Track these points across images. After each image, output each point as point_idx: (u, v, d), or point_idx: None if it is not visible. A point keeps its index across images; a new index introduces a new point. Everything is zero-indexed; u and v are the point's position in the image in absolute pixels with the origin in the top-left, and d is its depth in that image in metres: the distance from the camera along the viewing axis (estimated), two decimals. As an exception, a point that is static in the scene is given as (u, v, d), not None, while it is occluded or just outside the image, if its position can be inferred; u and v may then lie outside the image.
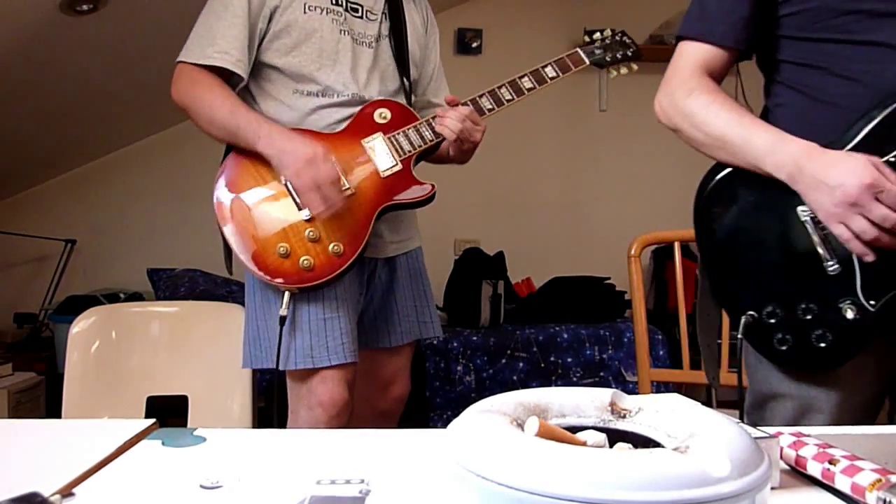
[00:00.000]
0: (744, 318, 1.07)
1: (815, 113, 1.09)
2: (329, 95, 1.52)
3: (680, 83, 1.15)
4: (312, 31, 1.50)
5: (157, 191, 3.69)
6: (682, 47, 1.18)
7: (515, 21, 3.87)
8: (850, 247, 1.00)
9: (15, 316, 3.52)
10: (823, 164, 0.99)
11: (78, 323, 1.67)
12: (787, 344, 1.06)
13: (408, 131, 1.53)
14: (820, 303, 1.04)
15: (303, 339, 1.45)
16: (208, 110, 1.44)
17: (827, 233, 1.03)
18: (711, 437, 0.53)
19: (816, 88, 1.09)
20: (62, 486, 0.66)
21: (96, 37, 2.68)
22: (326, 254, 1.43)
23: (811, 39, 1.08)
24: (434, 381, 2.87)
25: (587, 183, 3.96)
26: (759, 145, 1.05)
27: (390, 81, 1.60)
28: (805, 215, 1.04)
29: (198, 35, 1.48)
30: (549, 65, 1.64)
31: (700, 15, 1.16)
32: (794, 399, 1.11)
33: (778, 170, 1.04)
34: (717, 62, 1.15)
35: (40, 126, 3.18)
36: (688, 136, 1.14)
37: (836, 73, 1.07)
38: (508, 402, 0.62)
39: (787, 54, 1.13)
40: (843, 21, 1.04)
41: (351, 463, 0.74)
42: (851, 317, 1.02)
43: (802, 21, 1.08)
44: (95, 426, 0.91)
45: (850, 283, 1.02)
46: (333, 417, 1.45)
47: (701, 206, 1.14)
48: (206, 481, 0.68)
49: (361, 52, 1.56)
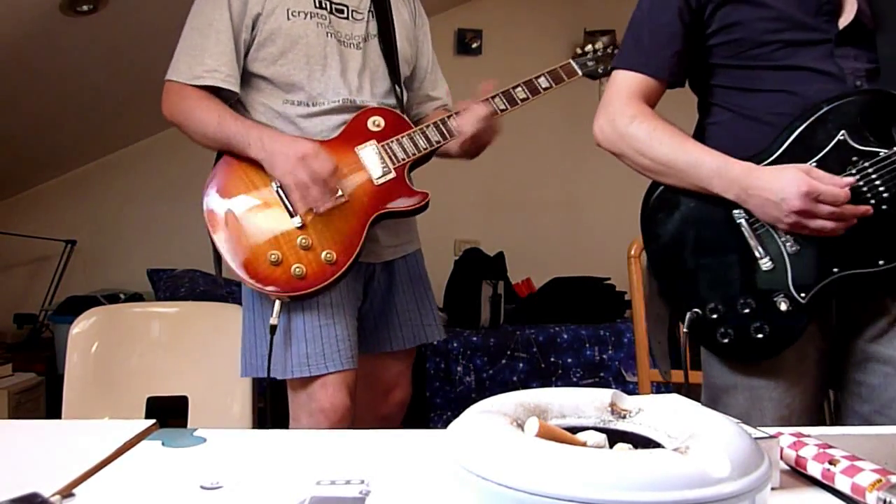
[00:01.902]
0: (689, 315, 1.16)
1: (744, 129, 1.19)
2: (319, 104, 1.50)
3: (619, 110, 1.23)
4: (298, 37, 1.48)
5: (157, 191, 3.69)
6: (618, 76, 1.26)
7: (515, 21, 3.87)
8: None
9: (15, 316, 3.52)
10: (764, 182, 1.10)
11: (78, 323, 1.67)
12: (728, 337, 1.15)
13: (402, 139, 1.52)
14: (756, 297, 1.14)
15: (298, 348, 1.43)
16: (198, 125, 1.44)
17: (760, 232, 1.14)
18: (711, 437, 0.53)
19: (745, 107, 1.20)
20: (62, 486, 0.66)
21: (96, 37, 2.68)
22: (319, 262, 1.41)
23: (737, 66, 1.19)
24: (434, 382, 2.87)
25: (587, 183, 3.96)
26: (704, 171, 1.14)
27: (381, 83, 1.59)
28: (739, 217, 1.14)
29: (184, 53, 1.47)
30: (542, 75, 1.62)
31: (635, 48, 1.25)
32: (744, 390, 1.19)
33: (725, 192, 1.14)
34: (652, 91, 1.24)
35: (40, 126, 3.18)
36: (632, 161, 1.23)
37: (762, 92, 1.17)
38: (508, 402, 0.62)
39: (717, 79, 1.23)
40: (765, 50, 1.15)
41: (351, 463, 0.74)
42: (784, 308, 1.12)
43: (729, 50, 1.19)
44: (95, 426, 0.91)
45: (783, 278, 1.13)
46: (335, 424, 1.43)
47: (646, 214, 1.24)
48: (207, 482, 0.68)
49: (349, 54, 1.54)
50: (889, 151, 1.07)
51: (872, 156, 1.08)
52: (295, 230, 1.42)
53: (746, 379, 1.19)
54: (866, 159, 1.08)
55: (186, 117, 1.45)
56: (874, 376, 1.16)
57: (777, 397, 1.17)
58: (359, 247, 1.44)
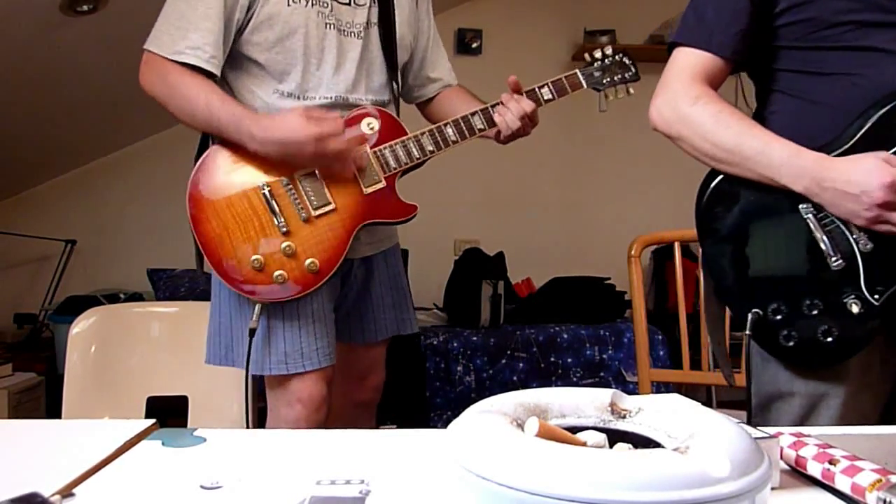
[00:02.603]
0: (750, 315, 1.08)
1: (811, 116, 1.11)
2: (311, 98, 1.46)
3: (682, 91, 1.14)
4: (297, 26, 1.42)
5: (157, 191, 3.69)
6: (679, 54, 1.17)
7: (515, 21, 3.87)
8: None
9: (15, 316, 3.52)
10: (840, 174, 1.02)
11: (78, 323, 1.67)
12: (793, 340, 1.07)
13: (395, 147, 1.48)
14: (824, 298, 1.05)
15: (276, 347, 1.43)
16: (184, 103, 1.37)
17: (830, 228, 1.06)
18: (711, 437, 0.53)
19: (812, 92, 1.11)
20: (62, 486, 0.66)
21: (96, 37, 2.68)
22: (301, 270, 1.40)
23: (806, 48, 1.11)
24: (434, 381, 2.87)
25: (587, 183, 3.96)
26: (775, 158, 1.06)
27: (377, 76, 1.55)
28: (807, 212, 1.06)
29: (168, 23, 1.39)
30: (545, 85, 1.58)
31: (697, 23, 1.16)
32: (802, 397, 1.11)
33: (794, 183, 1.05)
34: (716, 71, 1.15)
35: (40, 126, 3.18)
36: (692, 146, 1.14)
37: (831, 76, 1.09)
38: (508, 402, 0.62)
39: (782, 63, 1.15)
40: (836, 31, 1.07)
41: (351, 463, 0.74)
42: (856, 311, 1.04)
43: (797, 31, 1.10)
44: (95, 426, 0.90)
45: (854, 278, 1.05)
46: (312, 413, 1.44)
47: (703, 207, 1.15)
48: (207, 482, 0.68)
49: (349, 44, 1.49)
50: None
51: None
52: (280, 236, 1.40)
53: (806, 385, 1.11)
54: None
55: (169, 93, 1.38)
56: None
57: (835, 407, 1.10)
58: (342, 256, 1.43)
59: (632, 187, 3.91)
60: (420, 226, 1.71)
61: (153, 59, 1.40)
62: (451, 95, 1.71)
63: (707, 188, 1.14)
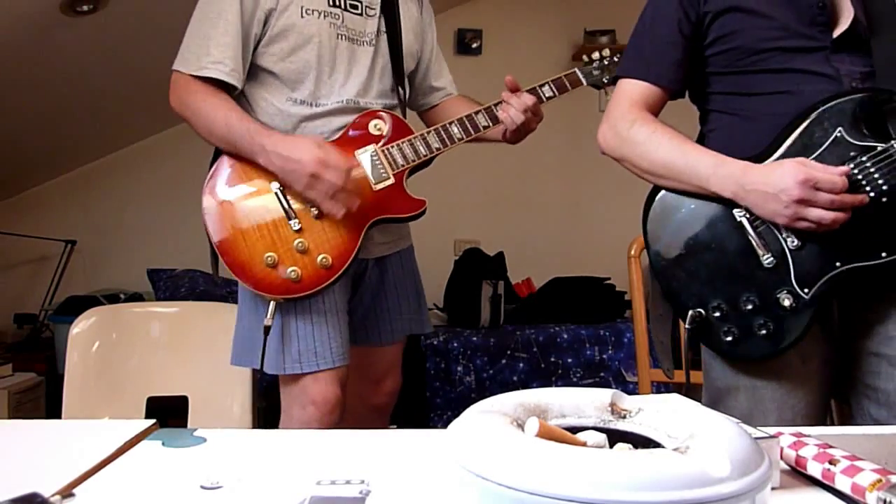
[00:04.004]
0: (691, 313, 1.17)
1: (744, 131, 1.21)
2: (322, 104, 1.50)
3: (621, 116, 1.26)
4: (310, 36, 1.47)
5: (157, 191, 3.69)
6: (622, 85, 1.30)
7: (515, 21, 3.87)
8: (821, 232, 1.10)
9: (15, 316, 3.52)
10: (761, 176, 1.11)
11: (78, 323, 1.67)
12: (732, 335, 1.16)
13: (402, 145, 1.51)
14: (759, 294, 1.14)
15: (290, 345, 1.44)
16: (205, 122, 1.43)
17: (761, 229, 1.14)
18: (711, 437, 0.53)
19: (745, 109, 1.22)
20: (62, 486, 0.66)
21: (96, 37, 2.68)
22: (314, 266, 1.42)
23: (736, 73, 1.22)
24: (434, 382, 2.87)
25: (587, 183, 3.96)
26: (701, 170, 1.16)
27: (386, 81, 1.59)
28: (740, 215, 1.15)
29: (192, 43, 1.46)
30: (546, 84, 1.63)
31: (637, 57, 1.29)
32: (746, 391, 1.19)
33: (722, 190, 1.15)
34: (654, 99, 1.27)
35: (40, 126, 3.18)
36: (633, 166, 1.26)
37: (761, 95, 1.19)
38: (508, 402, 0.62)
39: (715, 86, 1.26)
40: (762, 56, 1.18)
41: (351, 463, 0.74)
42: (788, 304, 1.12)
43: (727, 59, 1.22)
44: (95, 426, 0.91)
45: (786, 274, 1.13)
46: (326, 415, 1.44)
47: (648, 215, 1.25)
48: (207, 482, 0.68)
49: (361, 52, 1.54)
50: (885, 145, 1.09)
51: (869, 150, 1.10)
52: (292, 233, 1.42)
53: (749, 380, 1.19)
54: (863, 154, 1.10)
55: (193, 113, 1.44)
56: (889, 381, 1.15)
57: (780, 399, 1.17)
58: (354, 252, 1.45)
59: (632, 187, 3.87)
60: (420, 226, 1.72)
61: (179, 79, 1.45)
62: (455, 102, 1.74)
63: (653, 199, 1.25)
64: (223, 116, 1.42)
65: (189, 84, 1.44)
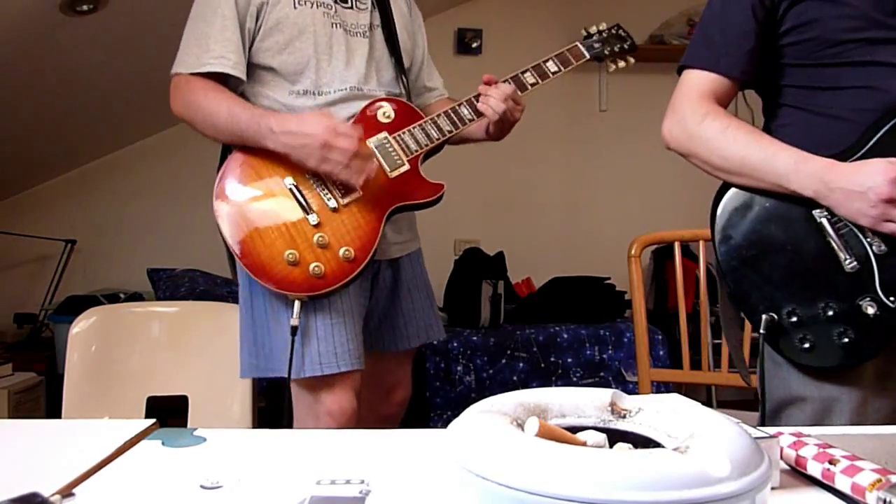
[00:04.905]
0: (764, 318, 1.10)
1: (821, 128, 1.13)
2: (325, 93, 1.48)
3: (690, 110, 1.18)
4: (305, 26, 1.46)
5: (157, 191, 3.69)
6: (688, 75, 1.21)
7: (515, 21, 3.87)
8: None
9: (15, 316, 3.52)
10: (847, 175, 1.04)
11: (78, 323, 1.67)
12: (808, 342, 1.08)
13: (413, 130, 1.50)
14: (839, 301, 1.07)
15: (310, 347, 1.40)
16: (208, 116, 1.40)
17: (843, 231, 1.07)
18: (711, 437, 0.53)
19: (821, 105, 1.14)
20: (62, 486, 0.66)
21: (96, 37, 2.68)
22: (337, 259, 1.39)
23: (812, 65, 1.14)
24: (434, 381, 2.87)
25: (587, 183, 3.96)
26: (780, 166, 1.09)
27: (386, 71, 1.58)
28: (821, 216, 1.08)
29: (190, 44, 1.44)
30: (550, 59, 1.61)
31: (706, 45, 1.20)
32: (815, 402, 1.12)
33: (803, 188, 1.08)
34: (723, 91, 1.19)
35: (40, 126, 3.18)
36: (703, 161, 1.17)
37: (839, 90, 1.12)
38: (508, 402, 0.62)
39: (789, 79, 1.18)
40: (841, 48, 1.10)
41: (351, 463, 0.74)
42: (871, 313, 1.04)
43: (803, 50, 1.14)
44: (95, 426, 0.90)
45: (870, 280, 1.05)
46: (342, 426, 1.41)
47: (718, 215, 1.17)
48: (206, 481, 0.68)
49: (357, 42, 1.53)
50: None
51: None
52: (311, 228, 1.39)
53: (819, 389, 1.11)
54: None
55: (195, 111, 1.42)
56: None
57: (850, 412, 1.10)
58: (376, 242, 1.42)
59: (632, 187, 3.91)
60: (420, 226, 1.72)
61: (179, 81, 1.44)
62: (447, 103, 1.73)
63: (722, 196, 1.17)
64: (226, 107, 1.39)
65: (190, 83, 1.42)
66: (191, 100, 1.42)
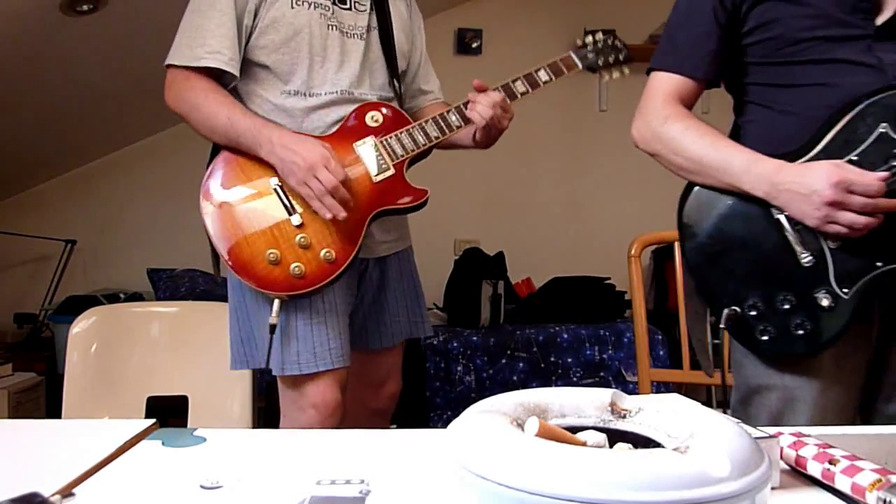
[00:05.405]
0: (726, 311, 1.15)
1: (782, 125, 1.18)
2: (316, 94, 1.49)
3: (654, 111, 1.23)
4: (301, 27, 1.46)
5: (157, 191, 3.69)
6: (654, 78, 1.26)
7: (515, 21, 3.87)
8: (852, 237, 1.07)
9: (15, 316, 3.52)
10: (794, 177, 1.09)
11: (78, 323, 1.67)
12: (768, 334, 1.13)
13: (400, 135, 1.51)
14: (797, 293, 1.12)
15: (290, 346, 1.43)
16: (206, 119, 1.42)
17: (800, 227, 1.11)
18: (711, 437, 0.53)
19: (783, 102, 1.18)
20: (62, 486, 0.66)
21: (96, 37, 2.68)
22: (318, 261, 1.40)
23: (774, 63, 1.18)
24: (434, 381, 2.87)
25: (587, 183, 3.96)
26: (734, 167, 1.14)
27: (379, 74, 1.58)
28: (778, 213, 1.12)
29: (185, 35, 1.44)
30: (542, 68, 1.62)
31: (671, 49, 1.26)
32: (778, 390, 1.17)
33: (755, 189, 1.12)
34: (688, 91, 1.24)
35: (41, 126, 3.18)
36: (666, 161, 1.23)
37: (800, 87, 1.15)
38: (508, 402, 0.62)
39: (753, 77, 1.22)
40: (802, 46, 1.14)
41: (351, 463, 0.74)
42: (826, 304, 1.10)
43: (765, 48, 1.18)
44: (95, 426, 0.91)
45: (824, 273, 1.11)
46: (326, 419, 1.43)
47: (683, 212, 1.22)
48: (206, 481, 0.68)
49: (352, 44, 1.53)
50: None
51: None
52: (293, 228, 1.41)
53: (782, 378, 1.16)
54: None
55: (192, 110, 1.43)
56: None
57: (811, 399, 1.15)
58: (358, 245, 1.44)
59: (632, 187, 3.90)
60: (420, 226, 1.72)
61: (177, 76, 1.44)
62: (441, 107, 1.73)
63: (688, 195, 1.22)
64: (226, 113, 1.41)
65: (186, 78, 1.43)
66: (189, 96, 1.43)
